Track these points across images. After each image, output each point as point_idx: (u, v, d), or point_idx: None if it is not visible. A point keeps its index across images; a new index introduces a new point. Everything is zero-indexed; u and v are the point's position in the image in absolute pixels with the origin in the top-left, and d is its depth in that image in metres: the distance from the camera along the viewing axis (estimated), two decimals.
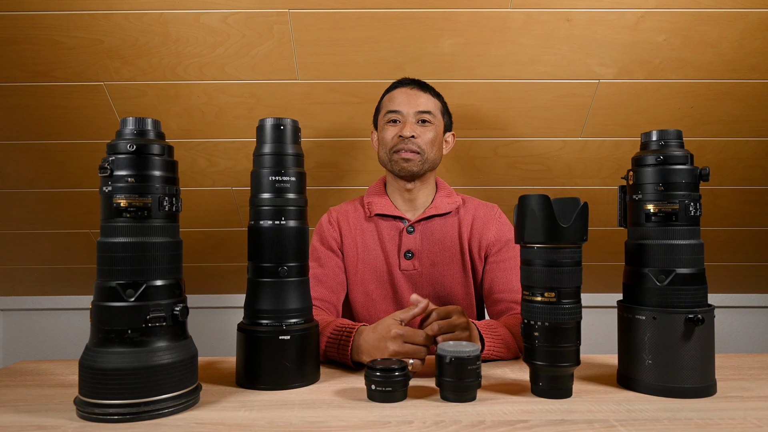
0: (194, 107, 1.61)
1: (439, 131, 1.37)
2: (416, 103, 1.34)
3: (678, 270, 0.89)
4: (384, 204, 1.38)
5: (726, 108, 1.61)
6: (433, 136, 1.35)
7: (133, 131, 0.83)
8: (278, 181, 0.95)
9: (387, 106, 1.37)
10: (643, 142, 0.96)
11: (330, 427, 0.76)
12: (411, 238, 1.36)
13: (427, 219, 1.37)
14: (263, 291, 0.96)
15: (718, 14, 1.42)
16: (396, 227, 1.37)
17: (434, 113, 1.36)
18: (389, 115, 1.35)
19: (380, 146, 1.39)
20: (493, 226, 1.37)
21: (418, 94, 1.35)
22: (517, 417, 0.79)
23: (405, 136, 1.31)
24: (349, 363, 1.05)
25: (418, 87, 1.37)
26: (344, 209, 1.42)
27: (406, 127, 1.32)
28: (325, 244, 1.38)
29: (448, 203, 1.39)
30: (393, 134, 1.34)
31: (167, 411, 0.79)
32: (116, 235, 0.80)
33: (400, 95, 1.36)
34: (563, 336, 0.86)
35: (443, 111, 1.40)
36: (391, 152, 1.35)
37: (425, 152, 1.33)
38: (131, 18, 1.42)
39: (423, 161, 1.34)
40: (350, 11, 1.43)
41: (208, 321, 2.28)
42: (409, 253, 1.35)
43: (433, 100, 1.37)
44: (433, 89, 1.40)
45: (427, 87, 1.38)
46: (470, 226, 1.37)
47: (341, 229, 1.39)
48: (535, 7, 1.42)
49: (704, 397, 0.88)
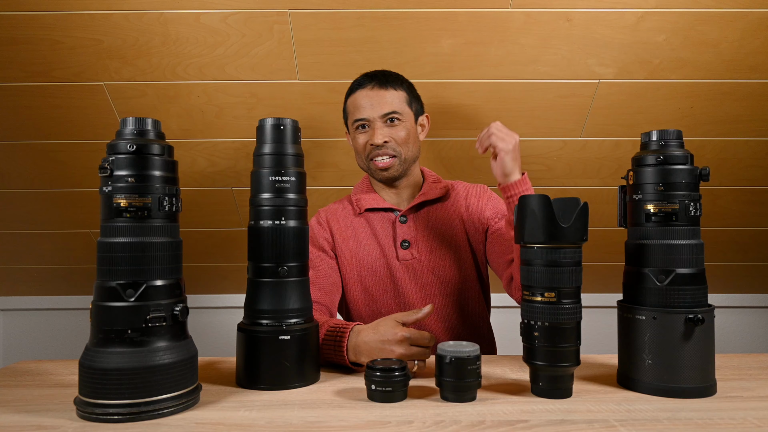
0: (194, 107, 1.61)
1: (410, 125, 1.33)
2: (380, 105, 1.29)
3: (678, 270, 0.89)
4: (373, 198, 1.37)
5: (726, 108, 1.61)
6: (406, 134, 1.31)
7: (133, 131, 0.83)
8: (278, 181, 0.95)
9: (352, 113, 1.33)
10: (643, 142, 0.96)
11: (330, 427, 0.76)
12: (405, 228, 1.35)
13: (419, 206, 1.37)
14: (263, 291, 0.96)
15: (718, 14, 1.42)
16: (388, 219, 1.36)
17: (401, 111, 1.30)
18: (356, 123, 1.32)
19: (356, 152, 1.36)
20: (488, 201, 1.39)
21: (381, 94, 1.30)
22: (517, 417, 0.79)
23: (376, 143, 1.28)
24: (347, 363, 1.04)
25: (379, 85, 1.31)
26: (332, 209, 1.41)
27: (375, 134, 1.28)
28: (316, 245, 1.35)
29: (437, 189, 1.38)
30: (364, 141, 1.32)
31: (167, 411, 0.79)
32: (116, 235, 0.80)
33: (363, 99, 1.30)
34: (563, 336, 0.86)
35: (410, 100, 1.35)
36: (367, 159, 1.33)
37: (401, 153, 1.31)
38: (131, 18, 1.42)
39: (401, 162, 1.32)
40: (350, 11, 1.43)
41: (208, 321, 2.28)
42: (405, 243, 1.34)
43: (398, 93, 1.31)
44: (395, 79, 1.33)
45: (388, 80, 1.32)
46: (465, 205, 1.38)
47: (332, 228, 1.37)
48: (535, 7, 1.42)
49: (704, 397, 0.88)
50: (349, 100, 1.35)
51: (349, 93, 1.36)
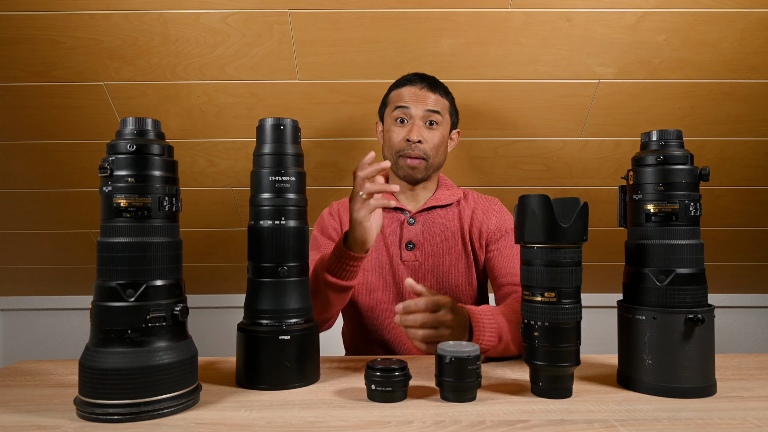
0: (194, 107, 1.61)
1: (445, 133, 1.38)
2: (425, 102, 1.34)
3: (678, 270, 0.89)
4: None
5: (726, 108, 1.61)
6: (440, 140, 1.35)
7: (133, 131, 0.83)
8: (278, 181, 0.95)
9: (395, 101, 1.36)
10: (643, 142, 0.96)
11: (330, 427, 0.76)
12: (412, 229, 1.37)
13: (428, 210, 1.39)
14: (263, 291, 0.95)
15: (718, 14, 1.42)
16: (397, 218, 1.39)
17: (442, 113, 1.36)
18: (397, 112, 1.35)
19: (386, 144, 1.39)
20: (494, 215, 1.38)
21: (428, 95, 1.35)
22: (517, 417, 0.79)
23: (412, 140, 1.31)
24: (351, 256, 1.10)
25: (428, 87, 1.36)
26: (345, 202, 1.44)
27: (414, 131, 1.32)
28: (325, 233, 1.39)
29: (449, 195, 1.41)
30: (400, 136, 1.34)
31: (167, 411, 0.79)
32: (116, 235, 0.80)
33: (410, 94, 1.34)
34: (563, 336, 0.86)
35: (451, 110, 1.40)
36: (396, 155, 1.35)
37: (431, 157, 1.35)
38: (131, 18, 1.42)
39: (428, 167, 1.35)
40: (350, 11, 1.43)
41: (208, 321, 2.28)
42: (410, 244, 1.36)
43: (442, 100, 1.37)
44: (443, 87, 1.39)
45: (436, 86, 1.37)
46: (471, 216, 1.39)
47: (342, 220, 1.41)
48: (535, 7, 1.42)
49: (704, 397, 0.88)
50: (394, 92, 1.38)
51: (396, 86, 1.39)
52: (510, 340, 1.09)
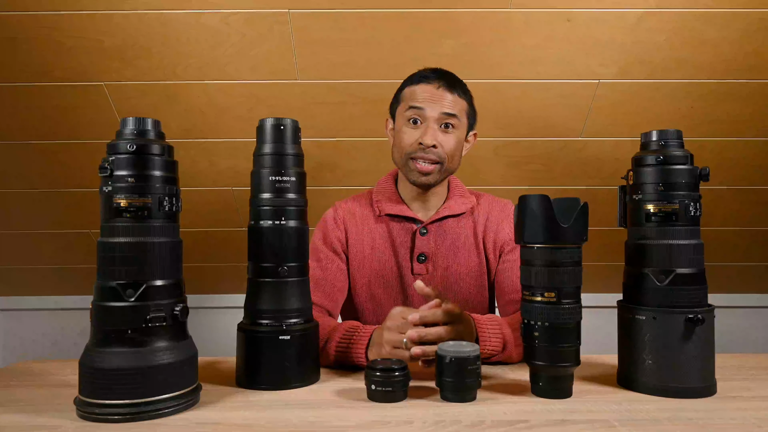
0: (194, 107, 1.61)
1: (461, 136, 1.25)
2: (441, 103, 1.20)
3: (678, 270, 0.89)
4: (395, 204, 1.30)
5: (726, 108, 1.61)
6: (456, 144, 1.23)
7: (133, 131, 0.83)
8: (278, 181, 0.95)
9: (409, 99, 1.23)
10: (643, 142, 0.96)
11: (330, 427, 0.76)
12: (424, 240, 1.28)
13: (441, 220, 1.29)
14: (263, 291, 0.96)
15: (718, 14, 1.42)
16: (408, 229, 1.29)
17: (459, 116, 1.22)
18: (410, 112, 1.22)
19: (396, 146, 1.27)
20: (507, 225, 1.31)
21: (445, 96, 1.21)
22: (517, 417, 0.79)
23: (426, 144, 1.19)
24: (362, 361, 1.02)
25: (446, 86, 1.22)
26: (351, 208, 1.33)
27: (427, 134, 1.19)
28: (328, 244, 1.29)
29: (462, 203, 1.31)
30: (412, 139, 1.21)
31: (167, 411, 0.79)
32: (116, 235, 0.80)
33: (425, 93, 1.21)
34: (563, 336, 0.86)
35: (469, 111, 1.27)
36: (407, 157, 1.23)
37: (445, 162, 1.22)
38: (131, 18, 1.42)
39: (441, 171, 1.23)
40: (350, 11, 1.43)
41: (208, 321, 2.28)
42: (422, 257, 1.27)
43: (460, 101, 1.23)
44: (461, 86, 1.25)
45: (454, 85, 1.23)
46: (484, 225, 1.31)
47: (347, 228, 1.31)
48: (535, 7, 1.42)
49: (704, 397, 0.88)
50: (408, 89, 1.25)
51: (410, 82, 1.26)
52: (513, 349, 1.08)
